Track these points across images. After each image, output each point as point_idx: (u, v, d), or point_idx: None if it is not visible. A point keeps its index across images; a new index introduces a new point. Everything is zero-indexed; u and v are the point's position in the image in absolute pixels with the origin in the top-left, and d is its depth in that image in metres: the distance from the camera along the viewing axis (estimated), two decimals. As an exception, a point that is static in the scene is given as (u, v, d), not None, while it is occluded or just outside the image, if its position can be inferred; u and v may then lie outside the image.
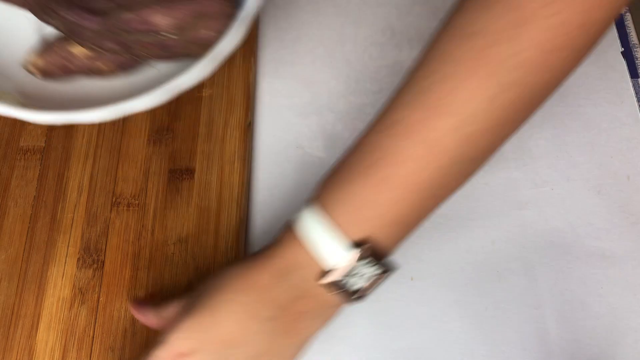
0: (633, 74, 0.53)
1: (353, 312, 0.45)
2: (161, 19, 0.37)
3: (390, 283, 0.46)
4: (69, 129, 0.48)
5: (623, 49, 0.53)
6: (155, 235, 0.46)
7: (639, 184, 0.49)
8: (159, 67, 0.44)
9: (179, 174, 0.47)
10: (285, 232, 0.38)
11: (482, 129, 0.33)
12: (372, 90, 0.51)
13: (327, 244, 0.35)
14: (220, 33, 0.39)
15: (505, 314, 0.45)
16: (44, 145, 0.48)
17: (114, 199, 0.47)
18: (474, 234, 0.48)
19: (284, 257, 0.37)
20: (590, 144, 0.50)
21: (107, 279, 0.45)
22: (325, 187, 0.37)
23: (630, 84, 0.52)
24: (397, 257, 0.47)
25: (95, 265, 0.45)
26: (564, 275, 0.46)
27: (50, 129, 0.48)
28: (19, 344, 0.44)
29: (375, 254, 0.36)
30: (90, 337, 0.44)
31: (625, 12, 0.55)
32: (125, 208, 0.47)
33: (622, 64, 0.53)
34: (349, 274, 0.35)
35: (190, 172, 0.48)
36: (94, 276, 0.45)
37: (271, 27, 0.53)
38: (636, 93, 0.52)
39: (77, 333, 0.44)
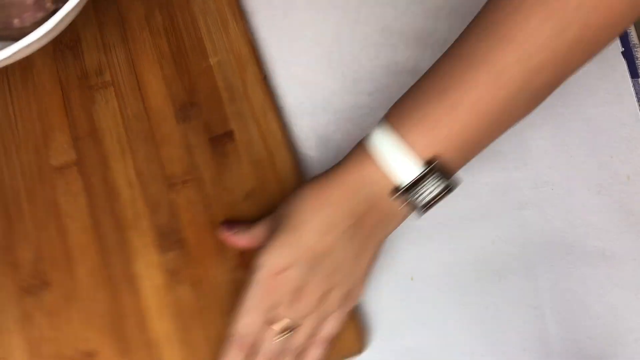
0: (633, 74, 0.53)
1: (353, 312, 0.46)
2: None
3: (391, 283, 0.46)
4: (94, 134, 0.48)
5: (623, 49, 0.53)
6: (223, 199, 0.47)
7: (639, 184, 0.49)
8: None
9: (220, 139, 0.48)
10: (356, 150, 0.41)
11: (545, 62, 0.36)
12: (368, 90, 0.51)
13: (398, 161, 0.38)
14: (34, 25, 0.41)
15: (505, 314, 0.45)
16: (75, 157, 0.48)
17: (168, 182, 0.47)
18: (474, 234, 0.48)
19: (356, 174, 0.40)
20: (590, 144, 0.50)
21: (195, 252, 0.46)
22: (397, 109, 0.40)
23: (630, 84, 0.52)
24: (397, 255, 0.47)
25: (177, 245, 0.46)
26: (564, 275, 0.46)
27: (76, 139, 0.48)
28: (135, 343, 0.44)
29: (442, 171, 0.39)
30: (202, 308, 0.45)
31: (626, 12, 0.55)
32: (182, 186, 0.47)
33: (622, 64, 0.53)
34: (417, 189, 0.39)
35: (229, 134, 0.48)
36: (180, 255, 0.45)
37: (267, 26, 0.53)
38: (636, 93, 0.52)
39: (188, 311, 0.44)
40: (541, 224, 0.48)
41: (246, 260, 0.43)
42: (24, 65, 0.48)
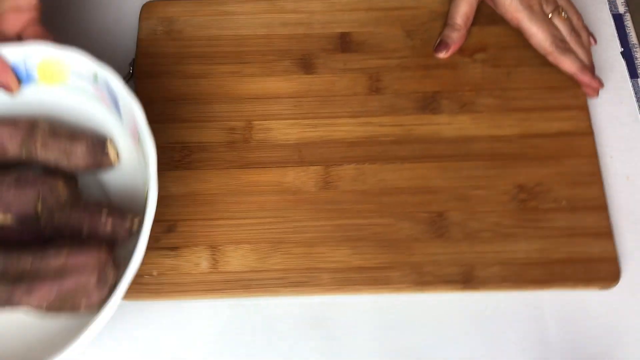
0: (633, 74, 0.53)
1: (354, 312, 0.45)
2: (30, 300, 0.38)
3: (390, 283, 0.46)
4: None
5: (623, 49, 0.53)
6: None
7: (639, 184, 0.49)
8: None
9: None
10: None
11: None
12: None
13: None
14: (102, 302, 0.39)
15: (505, 314, 0.45)
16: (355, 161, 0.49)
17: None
18: (474, 234, 0.48)
19: None
20: (590, 144, 0.50)
21: (454, 82, 0.52)
22: None
23: (630, 84, 0.52)
24: (397, 256, 0.46)
25: (435, 104, 0.51)
26: (564, 275, 0.46)
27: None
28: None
29: None
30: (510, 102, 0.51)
31: (625, 12, 0.55)
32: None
33: (622, 64, 0.53)
34: None
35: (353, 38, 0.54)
36: (449, 103, 0.51)
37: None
38: (636, 93, 0.52)
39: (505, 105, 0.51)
40: (541, 224, 0.48)
41: (465, 48, 0.52)
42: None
